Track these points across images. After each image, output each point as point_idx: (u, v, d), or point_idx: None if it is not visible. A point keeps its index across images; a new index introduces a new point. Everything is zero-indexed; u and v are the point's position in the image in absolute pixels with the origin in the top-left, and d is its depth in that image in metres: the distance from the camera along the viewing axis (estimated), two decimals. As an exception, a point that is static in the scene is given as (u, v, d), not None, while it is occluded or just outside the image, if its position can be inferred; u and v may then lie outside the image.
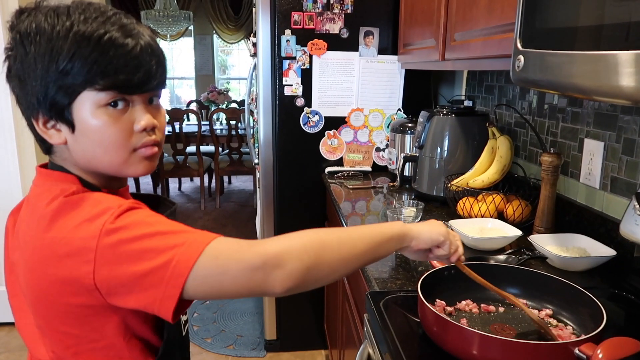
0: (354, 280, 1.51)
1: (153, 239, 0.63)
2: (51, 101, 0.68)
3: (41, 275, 0.67)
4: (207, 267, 0.63)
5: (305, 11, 2.11)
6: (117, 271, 0.63)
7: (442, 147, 1.73)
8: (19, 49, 0.68)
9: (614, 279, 1.11)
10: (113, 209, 0.65)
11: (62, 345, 0.71)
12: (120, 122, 0.70)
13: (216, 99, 5.53)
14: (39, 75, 0.67)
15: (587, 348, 0.69)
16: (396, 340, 0.86)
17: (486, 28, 1.26)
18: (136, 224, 0.65)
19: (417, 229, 0.82)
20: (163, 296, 0.63)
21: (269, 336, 2.46)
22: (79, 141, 0.71)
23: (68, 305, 0.67)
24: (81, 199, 0.68)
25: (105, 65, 0.67)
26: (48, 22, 0.67)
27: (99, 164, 0.73)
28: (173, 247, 0.63)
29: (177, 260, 0.62)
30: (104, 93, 0.68)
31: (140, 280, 0.62)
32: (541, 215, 1.34)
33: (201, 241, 0.64)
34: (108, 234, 0.63)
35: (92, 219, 0.64)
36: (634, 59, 0.62)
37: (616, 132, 1.24)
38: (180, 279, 0.62)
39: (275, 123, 2.22)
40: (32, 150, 2.51)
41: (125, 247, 0.63)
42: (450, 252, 0.85)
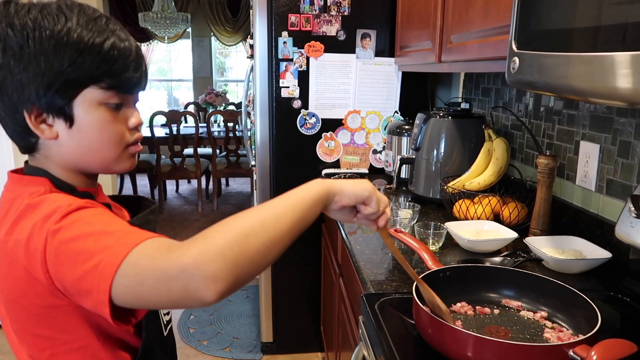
0: (350, 282, 1.50)
1: (88, 240, 0.61)
2: (53, 96, 0.69)
3: (7, 279, 0.67)
4: (127, 276, 0.58)
5: (302, 13, 2.11)
6: (61, 274, 0.62)
7: (438, 149, 1.73)
8: (11, 42, 0.67)
9: (610, 281, 1.11)
10: (61, 209, 0.64)
11: (38, 348, 0.71)
12: (118, 120, 0.74)
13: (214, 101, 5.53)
14: (41, 72, 0.67)
15: (581, 350, 0.69)
16: (391, 342, 0.86)
17: (482, 30, 1.26)
18: (76, 224, 0.63)
19: (340, 184, 0.74)
20: (97, 301, 0.59)
21: (266, 338, 2.45)
22: (75, 137, 0.72)
23: (36, 307, 0.67)
24: (41, 200, 0.67)
25: (109, 67, 0.70)
26: (48, 20, 0.67)
27: (92, 159, 0.74)
28: (103, 250, 0.60)
29: (104, 264, 0.59)
30: (108, 92, 0.71)
31: (78, 284, 0.61)
32: (537, 217, 1.34)
33: (129, 243, 0.59)
34: (52, 235, 0.62)
35: (45, 220, 0.64)
36: (630, 60, 0.62)
37: (612, 134, 1.24)
38: (105, 285, 0.58)
39: (272, 125, 2.21)
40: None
41: (63, 248, 0.61)
42: (378, 210, 0.77)
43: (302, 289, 2.40)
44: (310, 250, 2.34)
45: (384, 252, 1.32)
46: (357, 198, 0.75)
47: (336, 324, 1.81)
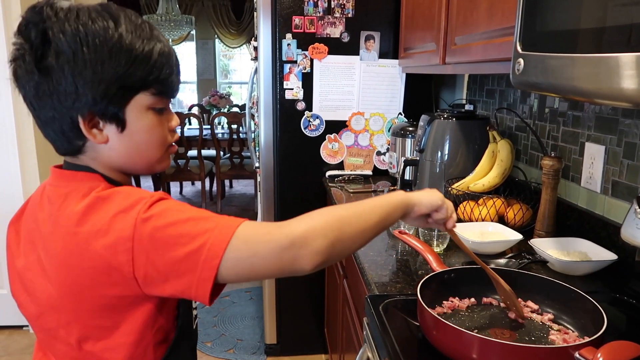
0: (354, 284, 1.50)
1: (186, 225, 0.66)
2: (109, 102, 0.71)
3: (75, 270, 0.68)
4: (239, 250, 0.65)
5: (306, 15, 2.12)
6: (154, 258, 0.65)
7: (442, 151, 1.73)
8: (64, 49, 0.67)
9: (615, 283, 1.10)
10: (145, 199, 0.68)
11: (92, 340, 0.72)
12: (163, 123, 0.78)
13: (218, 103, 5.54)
14: (98, 77, 0.68)
15: (587, 352, 0.69)
16: (395, 344, 0.86)
17: (487, 32, 1.26)
18: (168, 212, 0.67)
19: (418, 196, 0.86)
20: (199, 279, 0.65)
21: (269, 340, 2.45)
22: (125, 140, 0.75)
23: (103, 297, 0.69)
24: (112, 193, 0.70)
25: (159, 74, 0.73)
26: (98, 25, 0.68)
27: (139, 161, 0.78)
28: (205, 232, 0.66)
29: (210, 244, 0.65)
30: (156, 97, 0.74)
31: (177, 265, 0.65)
32: (542, 219, 1.33)
33: (231, 225, 0.67)
34: (143, 222, 0.65)
35: (127, 210, 0.67)
36: (635, 61, 0.62)
37: (617, 135, 1.23)
38: (215, 261, 0.65)
39: (276, 127, 2.22)
40: (33, 154, 2.51)
41: (160, 233, 0.65)
42: (447, 216, 0.89)
43: (306, 290, 2.40)
44: (314, 252, 2.33)
45: (387, 253, 1.32)
46: (432, 207, 0.87)
47: (340, 325, 1.81)
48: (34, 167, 2.53)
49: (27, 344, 2.57)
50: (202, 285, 0.65)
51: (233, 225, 0.67)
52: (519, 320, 0.91)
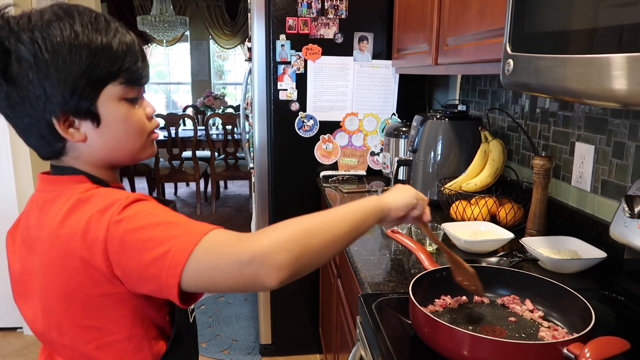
0: (348, 283, 1.51)
1: (155, 229, 0.66)
2: (79, 99, 0.71)
3: (60, 271, 0.69)
4: (199, 260, 0.64)
5: (300, 16, 2.12)
6: (124, 261, 0.66)
7: (435, 151, 1.75)
8: (26, 56, 0.68)
9: (605, 281, 1.12)
10: (121, 201, 0.68)
11: (84, 340, 0.73)
12: (138, 111, 0.78)
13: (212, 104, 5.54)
14: (62, 76, 0.69)
15: (575, 347, 0.70)
16: (388, 342, 0.87)
17: (477, 33, 1.27)
18: (140, 215, 0.67)
19: (393, 199, 0.85)
20: (166, 285, 0.65)
21: (264, 340, 2.46)
22: (103, 134, 0.75)
23: (90, 296, 0.70)
24: (92, 195, 0.71)
25: (122, 63, 0.73)
26: (53, 26, 0.69)
27: (121, 152, 0.78)
28: (172, 238, 0.65)
29: (175, 250, 0.64)
30: (125, 87, 0.74)
31: (145, 270, 0.65)
32: (533, 218, 1.35)
33: (198, 232, 0.66)
34: (115, 224, 0.66)
35: (102, 211, 0.67)
36: (625, 61, 0.63)
37: (606, 135, 1.25)
38: (177, 269, 0.64)
39: (270, 127, 2.22)
40: (27, 157, 2.51)
41: (129, 237, 0.65)
42: (423, 211, 0.90)
43: (301, 290, 2.41)
44: (309, 252, 2.34)
45: (381, 253, 1.33)
46: (408, 207, 0.87)
47: (334, 325, 1.82)
48: (27, 170, 2.52)
49: (20, 346, 2.56)
50: (169, 290, 0.65)
51: (200, 233, 0.65)
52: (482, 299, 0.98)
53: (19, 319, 2.68)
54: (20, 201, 2.55)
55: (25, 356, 2.47)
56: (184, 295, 0.67)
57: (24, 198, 2.55)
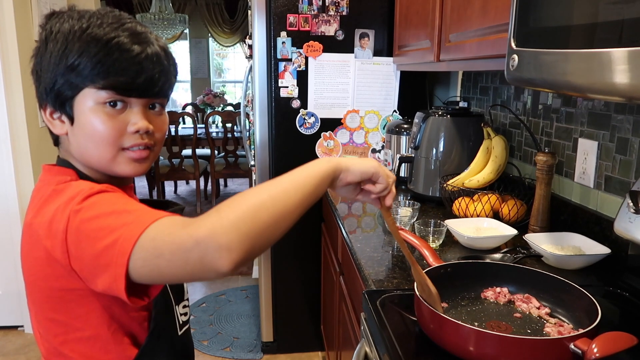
0: (351, 280, 1.51)
1: (108, 218, 0.64)
2: (56, 93, 0.73)
3: (29, 261, 0.71)
4: (144, 250, 0.61)
5: (301, 13, 2.12)
6: (81, 252, 0.64)
7: (437, 147, 1.74)
8: (41, 47, 0.74)
9: (609, 277, 1.11)
10: (84, 191, 0.68)
11: (52, 334, 0.74)
12: (115, 121, 0.74)
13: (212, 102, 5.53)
14: (50, 69, 0.72)
15: (582, 343, 0.70)
16: (393, 338, 0.87)
17: (480, 29, 1.27)
18: (97, 204, 0.66)
19: (346, 161, 0.76)
20: (115, 275, 0.62)
21: (266, 338, 2.46)
22: (76, 133, 0.75)
23: (53, 289, 0.70)
24: (67, 186, 0.71)
25: (108, 66, 0.71)
26: (69, 23, 0.73)
27: (90, 157, 0.76)
28: (122, 226, 0.62)
29: (123, 239, 0.61)
30: (104, 92, 0.72)
31: (97, 260, 0.63)
32: (536, 214, 1.35)
33: (146, 220, 0.62)
34: (74, 214, 0.65)
35: (68, 202, 0.67)
36: (627, 56, 0.63)
37: (610, 131, 1.25)
38: (123, 258, 0.61)
39: (271, 125, 2.22)
40: (27, 153, 2.50)
41: (85, 226, 0.64)
42: (386, 186, 0.79)
43: (302, 288, 2.40)
44: (310, 250, 2.34)
45: (384, 249, 1.33)
46: (363, 175, 0.77)
47: (337, 322, 1.82)
48: (27, 167, 2.52)
49: (21, 344, 2.56)
50: (118, 282, 0.62)
51: (148, 220, 0.62)
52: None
53: (20, 318, 2.68)
54: (21, 200, 2.54)
55: (27, 354, 2.47)
56: (134, 291, 0.64)
57: (24, 197, 2.54)
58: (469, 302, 0.97)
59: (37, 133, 2.55)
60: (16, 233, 2.57)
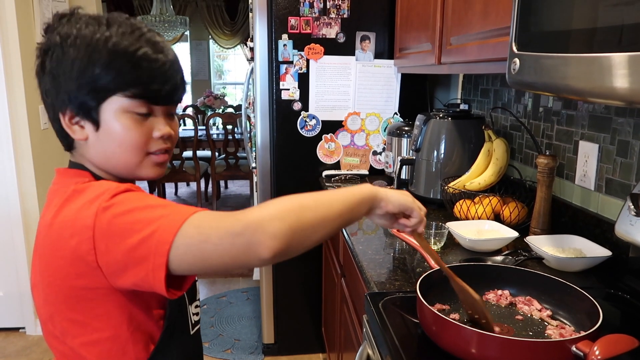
0: (352, 283, 1.51)
1: (142, 212, 0.66)
2: (82, 100, 0.74)
3: (50, 260, 0.71)
4: (189, 236, 0.63)
5: (302, 16, 2.13)
6: (112, 246, 0.65)
7: (438, 150, 1.75)
8: (57, 49, 0.73)
9: (610, 279, 1.12)
10: (110, 189, 0.69)
11: (70, 335, 0.73)
12: (142, 128, 0.76)
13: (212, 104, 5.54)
14: (75, 76, 0.72)
15: (584, 345, 0.70)
16: (396, 341, 0.87)
17: (482, 32, 1.27)
18: (128, 200, 0.68)
19: (386, 192, 0.82)
20: (153, 266, 0.63)
21: (267, 340, 2.46)
22: (101, 139, 0.76)
23: (73, 288, 0.70)
24: (87, 186, 0.72)
25: (137, 77, 0.73)
26: (89, 29, 0.73)
27: (116, 162, 0.78)
28: (159, 218, 0.65)
29: (162, 229, 0.63)
30: (133, 100, 0.75)
31: (132, 253, 0.64)
32: (537, 216, 1.35)
33: (185, 211, 0.66)
34: (103, 210, 0.66)
35: (93, 200, 0.68)
36: (627, 60, 0.64)
37: (610, 134, 1.25)
38: (165, 247, 0.63)
39: (273, 127, 2.23)
40: (29, 155, 2.51)
41: (117, 220, 0.65)
42: (420, 219, 0.87)
43: (303, 290, 2.41)
44: (311, 252, 2.33)
45: (385, 252, 1.33)
46: (401, 207, 0.84)
47: (338, 324, 1.82)
48: (29, 168, 2.52)
49: (23, 346, 2.56)
50: (157, 272, 0.63)
51: (188, 212, 0.65)
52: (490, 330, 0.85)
53: (22, 319, 2.68)
54: (23, 202, 2.55)
55: (28, 356, 2.47)
56: (171, 284, 0.65)
57: (26, 199, 2.55)
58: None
59: (38, 135, 2.56)
60: (18, 235, 2.57)
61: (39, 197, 2.55)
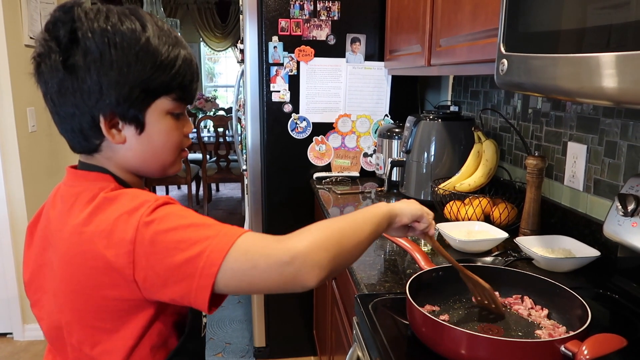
0: (343, 284, 1.51)
1: (187, 230, 0.66)
2: (131, 104, 0.72)
3: (79, 269, 0.68)
4: (237, 261, 0.64)
5: (292, 18, 2.12)
6: (154, 262, 0.65)
7: (429, 151, 1.75)
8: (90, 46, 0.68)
9: (599, 279, 1.12)
10: (150, 202, 0.68)
11: (90, 343, 0.72)
12: (179, 128, 0.79)
13: (203, 107, 5.52)
14: (123, 79, 0.70)
15: (572, 345, 0.70)
16: (385, 342, 0.87)
17: (471, 33, 1.28)
18: (171, 216, 0.67)
19: (400, 206, 0.88)
20: (198, 286, 0.64)
21: (258, 343, 2.45)
22: (143, 142, 0.76)
23: (104, 298, 0.68)
24: (119, 194, 0.71)
25: (181, 79, 0.74)
26: (126, 26, 0.70)
27: (154, 164, 0.79)
28: (206, 239, 0.65)
29: (210, 251, 0.64)
30: (176, 102, 0.76)
31: (176, 271, 0.64)
32: (527, 217, 1.36)
33: (233, 234, 0.66)
34: (145, 225, 0.65)
35: (131, 212, 0.67)
36: (614, 60, 0.64)
37: (598, 135, 1.26)
38: (213, 269, 0.63)
39: (263, 129, 2.22)
40: (16, 158, 2.48)
41: (161, 237, 0.65)
42: (429, 224, 0.92)
43: (295, 293, 2.39)
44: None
45: (376, 253, 1.33)
46: (413, 217, 0.89)
47: (329, 327, 1.82)
48: (17, 172, 2.49)
49: (10, 352, 2.53)
50: (201, 292, 0.64)
51: (235, 234, 0.66)
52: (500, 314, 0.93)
53: (10, 325, 2.65)
54: (10, 205, 2.52)
55: (16, 362, 2.44)
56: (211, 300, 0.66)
57: (13, 202, 2.52)
58: (461, 306, 0.97)
59: (26, 137, 2.53)
60: (5, 239, 2.54)
61: (26, 200, 2.52)
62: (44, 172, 2.66)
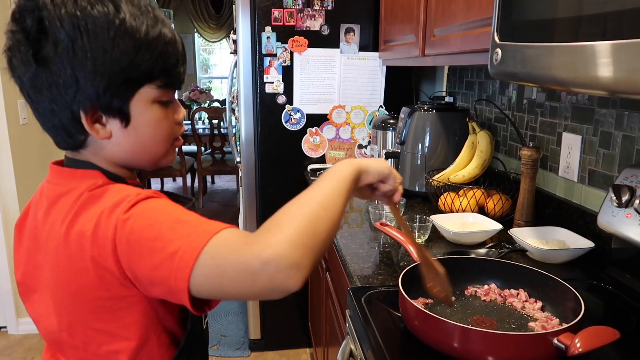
0: (337, 277, 1.50)
1: (162, 228, 0.61)
2: (112, 96, 0.66)
3: (71, 272, 0.65)
4: (205, 267, 0.58)
5: (286, 8, 2.10)
6: (134, 262, 0.61)
7: (423, 143, 1.74)
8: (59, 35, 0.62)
9: (593, 271, 1.12)
10: (130, 197, 0.64)
11: (96, 343, 0.69)
12: (169, 116, 0.73)
13: (198, 98, 5.49)
14: (99, 69, 0.64)
15: (565, 338, 0.70)
16: (378, 335, 0.86)
17: (465, 23, 1.26)
18: (147, 212, 0.63)
19: (366, 162, 0.78)
20: (175, 289, 0.59)
21: (253, 335, 2.45)
22: (130, 135, 0.70)
23: (102, 299, 0.66)
24: (103, 191, 0.67)
25: (165, 64, 0.68)
26: (97, 9, 0.63)
27: (145, 155, 0.73)
28: (180, 238, 0.60)
29: (182, 251, 0.59)
30: (162, 90, 0.70)
31: (154, 272, 0.60)
32: (521, 208, 1.35)
33: (207, 232, 0.60)
34: (123, 223, 0.61)
35: (112, 209, 0.63)
36: (610, 49, 0.63)
37: (593, 125, 1.25)
38: (186, 271, 0.58)
39: (257, 121, 2.20)
40: (7, 152, 2.45)
41: (136, 236, 0.61)
42: (395, 187, 0.82)
43: (290, 285, 2.39)
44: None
45: (369, 246, 1.32)
46: (379, 175, 0.79)
47: (324, 319, 1.81)
48: (8, 165, 2.46)
49: (5, 345, 2.51)
50: (180, 295, 0.60)
51: (209, 233, 0.59)
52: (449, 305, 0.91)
53: (3, 319, 2.64)
54: (3, 200, 2.50)
55: (10, 356, 2.42)
56: (197, 301, 0.62)
57: (5, 195, 2.49)
58: (455, 298, 0.97)
59: (18, 130, 2.50)
60: (-3, 232, 2.52)
61: (19, 194, 2.50)
62: (36, 165, 2.63)
